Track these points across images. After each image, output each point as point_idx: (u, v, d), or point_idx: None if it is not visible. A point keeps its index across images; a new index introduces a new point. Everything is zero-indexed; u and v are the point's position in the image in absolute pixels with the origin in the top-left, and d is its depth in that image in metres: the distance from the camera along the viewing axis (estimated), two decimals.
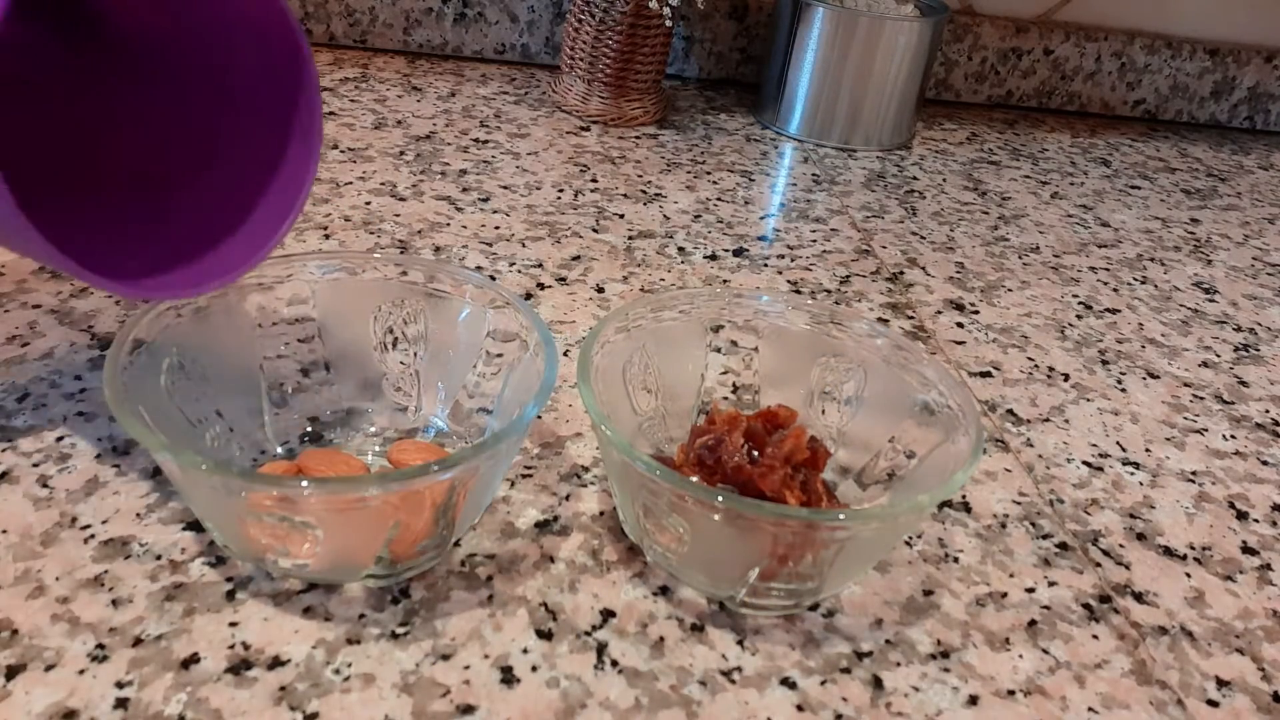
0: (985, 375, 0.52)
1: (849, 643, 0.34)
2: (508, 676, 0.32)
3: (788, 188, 0.71)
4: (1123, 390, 0.52)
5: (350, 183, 0.62)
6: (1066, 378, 0.52)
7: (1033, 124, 0.92)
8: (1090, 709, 0.33)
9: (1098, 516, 0.43)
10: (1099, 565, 0.40)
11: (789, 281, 0.58)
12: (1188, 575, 0.40)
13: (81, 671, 0.30)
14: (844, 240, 0.64)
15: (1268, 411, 0.52)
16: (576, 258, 0.57)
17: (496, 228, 0.59)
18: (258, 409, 0.39)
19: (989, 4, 0.92)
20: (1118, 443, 0.47)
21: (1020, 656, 0.35)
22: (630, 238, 0.60)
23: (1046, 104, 0.96)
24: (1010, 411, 0.49)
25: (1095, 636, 0.36)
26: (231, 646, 0.31)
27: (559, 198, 0.64)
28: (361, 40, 0.85)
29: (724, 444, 0.37)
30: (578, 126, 0.76)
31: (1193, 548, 0.42)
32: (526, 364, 0.37)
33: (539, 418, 0.43)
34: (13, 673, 0.30)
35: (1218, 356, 0.57)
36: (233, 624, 0.32)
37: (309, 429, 0.40)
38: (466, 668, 0.32)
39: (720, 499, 0.31)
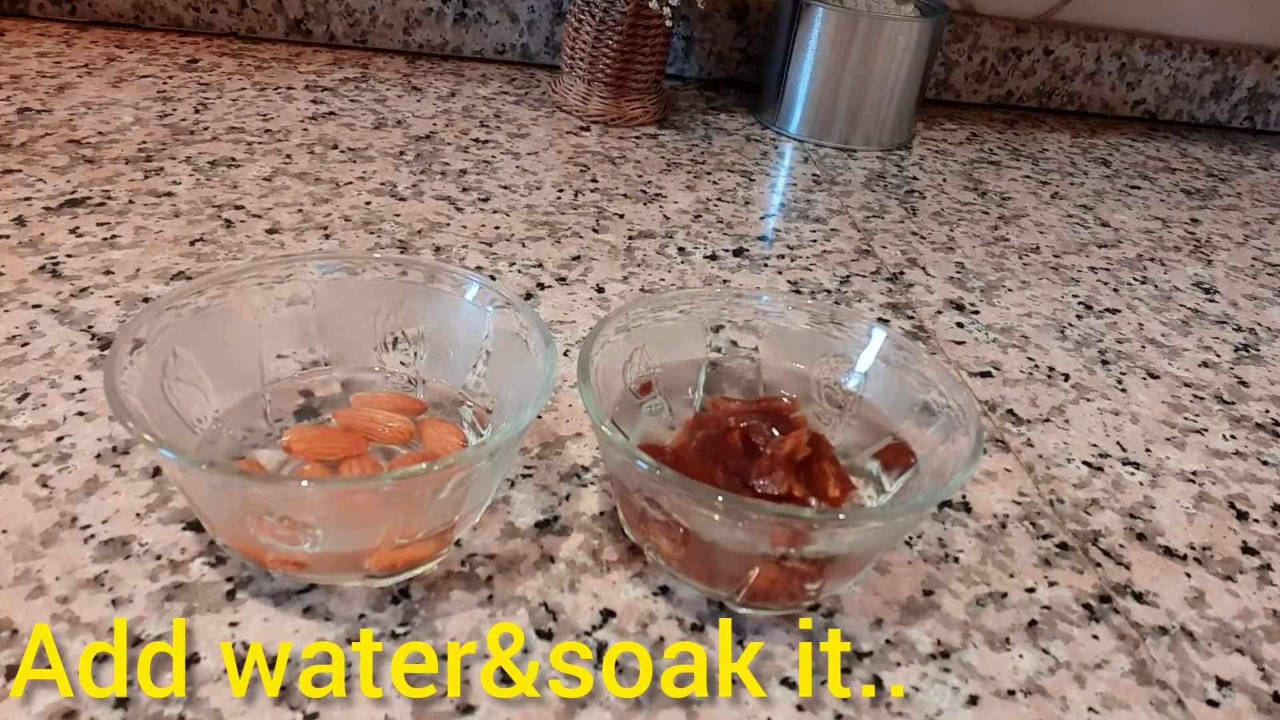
0: (985, 375, 0.52)
1: (849, 643, 0.34)
2: (507, 676, 0.32)
3: (788, 188, 0.71)
4: (1123, 390, 0.52)
5: (350, 183, 0.62)
6: (1066, 378, 0.52)
7: (1033, 124, 0.92)
8: (1090, 709, 0.33)
9: (1098, 516, 0.43)
10: (1099, 565, 0.40)
11: (789, 281, 0.58)
12: (1188, 575, 0.40)
13: (81, 671, 0.30)
14: (844, 240, 0.64)
15: (1268, 411, 0.52)
16: (576, 258, 0.57)
17: (496, 228, 0.59)
18: (257, 409, 0.39)
19: (989, 4, 0.92)
20: (1118, 443, 0.47)
21: (1020, 656, 0.35)
22: (630, 238, 0.60)
23: (1046, 104, 0.96)
24: (1010, 411, 0.49)
25: (1095, 636, 0.36)
26: (231, 646, 0.31)
27: (559, 198, 0.64)
28: (361, 40, 0.85)
29: (726, 437, 0.37)
30: (578, 126, 0.76)
31: (1193, 548, 0.42)
32: (526, 364, 0.37)
33: (539, 418, 0.43)
34: (12, 673, 0.30)
35: (1218, 356, 0.57)
36: (233, 624, 0.32)
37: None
38: (466, 668, 0.32)
39: (720, 499, 0.31)
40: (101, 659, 0.30)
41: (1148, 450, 0.47)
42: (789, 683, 0.33)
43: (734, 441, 0.37)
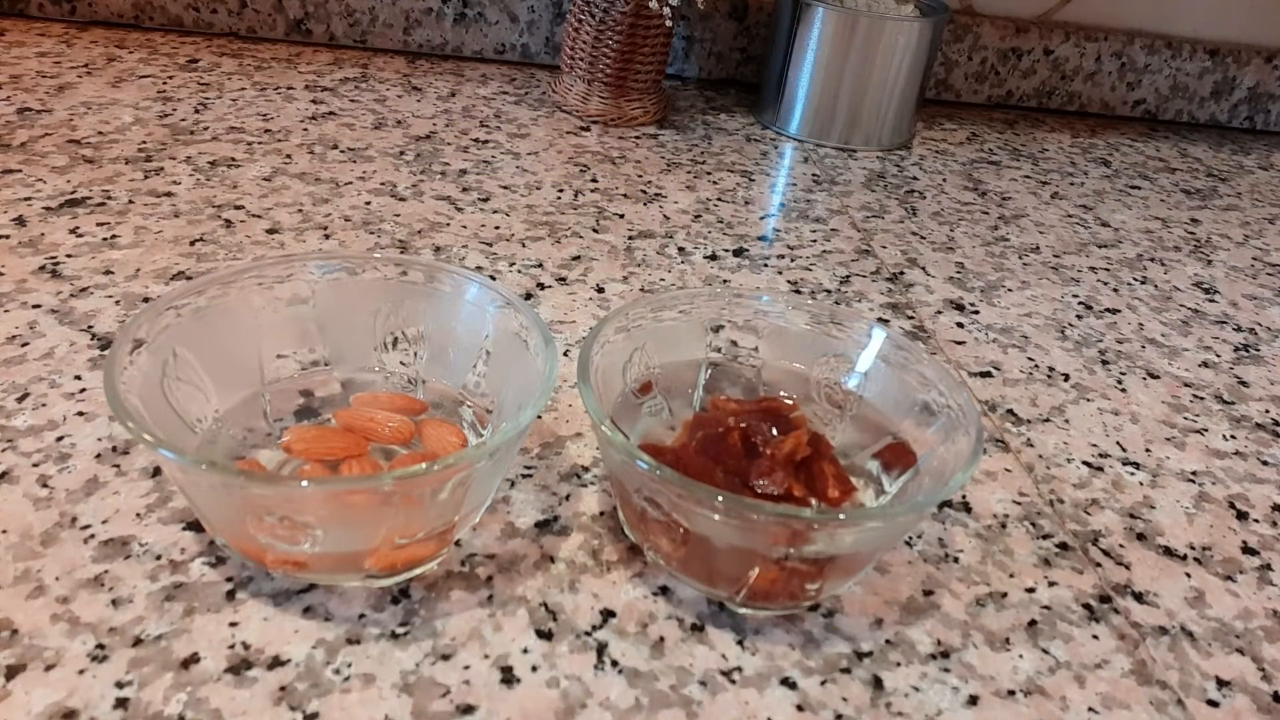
0: (985, 375, 0.52)
1: (849, 643, 0.34)
2: (508, 676, 0.32)
3: (788, 188, 0.71)
4: (1123, 390, 0.52)
5: (350, 183, 0.62)
6: (1066, 378, 0.52)
7: (1033, 124, 0.92)
8: (1090, 709, 0.33)
9: (1098, 516, 0.43)
10: (1099, 565, 0.40)
11: (789, 281, 0.58)
12: (1188, 575, 0.40)
13: (81, 671, 0.30)
14: (844, 240, 0.64)
15: (1268, 411, 0.52)
16: (576, 258, 0.57)
17: (496, 228, 0.59)
18: (257, 409, 0.39)
19: (989, 4, 0.92)
20: (1118, 443, 0.47)
21: (1020, 656, 0.35)
22: (630, 238, 0.60)
23: (1046, 104, 0.96)
24: (1010, 411, 0.49)
25: (1095, 636, 0.36)
26: (231, 646, 0.31)
27: (559, 198, 0.64)
28: (361, 40, 0.85)
29: (726, 437, 0.37)
30: (578, 126, 0.76)
31: (1193, 548, 0.42)
32: (526, 364, 0.37)
33: (539, 418, 0.43)
34: (13, 673, 0.30)
35: (1218, 356, 0.57)
36: (233, 624, 0.32)
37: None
38: (466, 668, 0.32)
39: (720, 499, 0.31)
40: (101, 659, 0.30)
41: (1148, 450, 0.47)
42: (789, 683, 0.33)
43: (734, 441, 0.37)
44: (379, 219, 0.58)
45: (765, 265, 0.59)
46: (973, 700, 0.33)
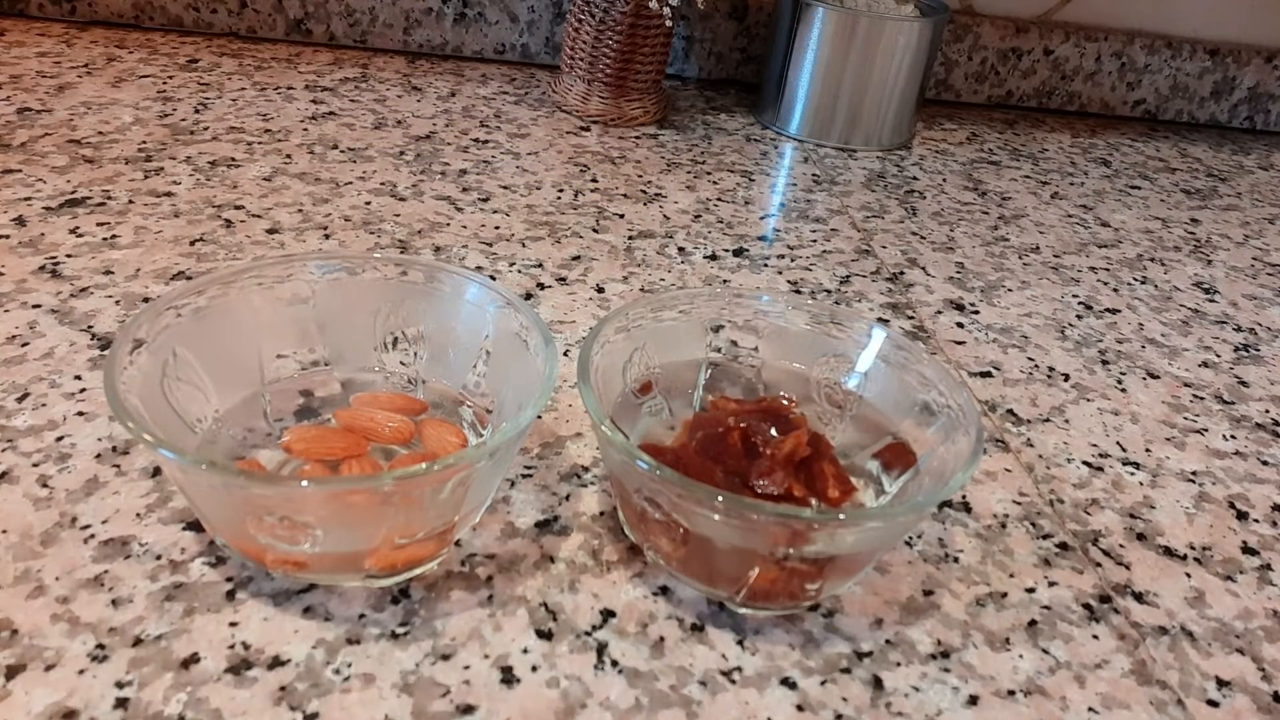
0: (985, 375, 0.52)
1: (849, 643, 0.34)
2: (508, 676, 0.32)
3: (788, 188, 0.71)
4: (1123, 390, 0.52)
5: (350, 183, 0.62)
6: (1066, 378, 0.52)
7: (1033, 124, 0.92)
8: (1090, 709, 0.33)
9: (1098, 516, 0.43)
10: (1099, 565, 0.40)
11: (789, 281, 0.58)
12: (1188, 575, 0.40)
13: (81, 671, 0.30)
14: (844, 240, 0.64)
15: (1268, 411, 0.52)
16: (576, 258, 0.57)
17: (496, 228, 0.59)
18: (257, 409, 0.39)
19: (989, 4, 0.92)
20: (1118, 443, 0.47)
21: (1020, 656, 0.35)
22: (630, 238, 0.60)
23: (1046, 104, 0.96)
24: (1010, 411, 0.49)
25: (1095, 636, 0.36)
26: (231, 646, 0.31)
27: (559, 198, 0.64)
28: (361, 40, 0.85)
29: (726, 437, 0.37)
30: (578, 126, 0.76)
31: (1193, 548, 0.42)
32: (526, 364, 0.37)
33: (539, 418, 0.43)
34: (13, 673, 0.30)
35: (1218, 356, 0.57)
36: (233, 624, 0.32)
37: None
38: (466, 668, 0.32)
39: (720, 499, 0.31)
40: (101, 659, 0.30)
41: (1148, 450, 0.47)
42: (789, 683, 0.33)
43: (734, 441, 0.37)
44: (379, 219, 0.58)
45: (765, 265, 0.59)
46: (973, 700, 0.33)
